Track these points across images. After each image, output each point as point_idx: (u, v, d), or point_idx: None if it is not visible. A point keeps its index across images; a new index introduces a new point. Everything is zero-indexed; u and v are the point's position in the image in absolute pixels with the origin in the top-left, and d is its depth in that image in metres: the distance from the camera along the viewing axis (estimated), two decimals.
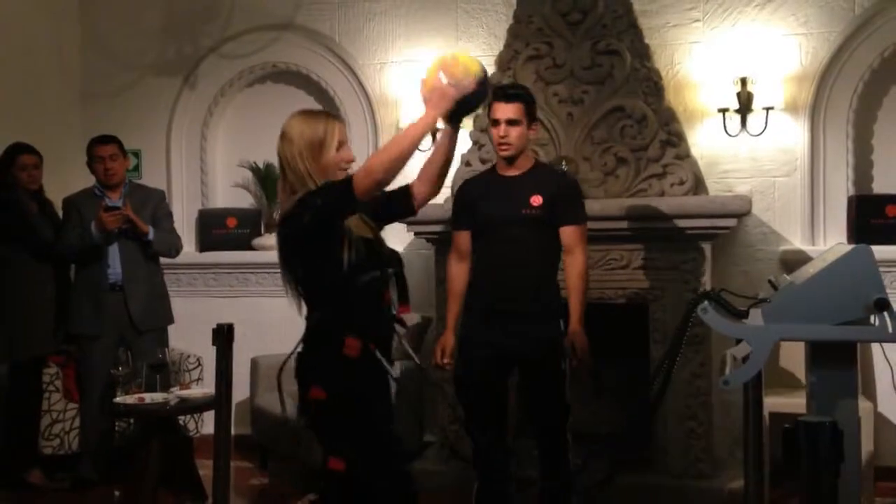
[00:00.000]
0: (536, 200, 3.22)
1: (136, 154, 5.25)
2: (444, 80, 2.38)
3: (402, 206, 2.61)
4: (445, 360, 3.29)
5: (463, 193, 3.44)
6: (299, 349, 2.52)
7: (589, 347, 3.26)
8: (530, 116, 3.27)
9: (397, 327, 2.55)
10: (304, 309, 2.56)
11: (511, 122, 3.21)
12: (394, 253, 2.59)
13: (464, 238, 3.37)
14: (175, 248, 4.42)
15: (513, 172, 3.30)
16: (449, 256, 3.43)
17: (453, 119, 2.49)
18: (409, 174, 2.61)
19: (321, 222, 2.35)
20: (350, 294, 2.40)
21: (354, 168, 2.48)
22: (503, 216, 3.23)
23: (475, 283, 3.34)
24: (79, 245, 4.16)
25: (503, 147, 3.25)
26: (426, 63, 2.55)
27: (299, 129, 2.43)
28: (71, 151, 4.84)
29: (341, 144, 2.45)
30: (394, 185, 2.53)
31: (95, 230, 4.10)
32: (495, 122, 3.23)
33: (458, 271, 3.37)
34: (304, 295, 2.48)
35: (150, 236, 4.21)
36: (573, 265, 3.29)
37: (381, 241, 2.53)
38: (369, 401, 2.42)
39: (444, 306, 3.54)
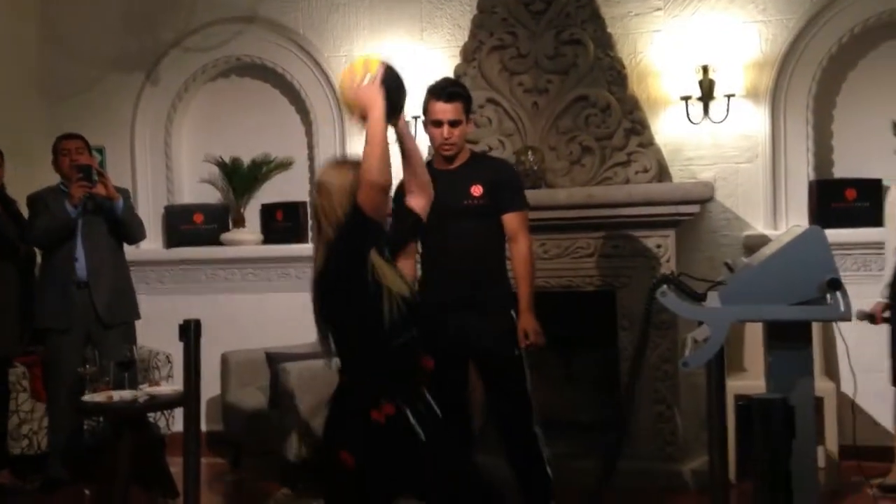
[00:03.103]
0: (477, 190, 3.23)
1: (100, 151, 5.19)
2: (357, 84, 2.39)
3: (413, 226, 2.61)
4: None
5: (403, 191, 3.44)
6: (329, 406, 2.47)
7: (541, 331, 3.27)
8: (468, 113, 3.28)
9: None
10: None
11: (453, 123, 3.20)
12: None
13: None
14: (142, 230, 4.40)
15: (451, 166, 3.29)
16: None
17: (391, 116, 2.45)
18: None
19: (353, 263, 2.32)
20: (388, 355, 2.37)
21: None
22: (445, 209, 3.16)
23: (424, 278, 3.33)
24: (50, 225, 4.12)
25: (446, 148, 3.24)
26: (338, 92, 2.57)
27: (336, 178, 2.39)
28: (33, 149, 4.78)
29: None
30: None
31: (69, 204, 4.07)
32: (437, 123, 3.19)
33: (405, 268, 3.33)
34: (338, 352, 2.42)
35: (120, 206, 4.18)
36: (518, 252, 3.30)
37: (415, 296, 2.47)
38: (395, 469, 2.38)
39: None
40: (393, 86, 2.43)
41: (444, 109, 3.18)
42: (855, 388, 2.79)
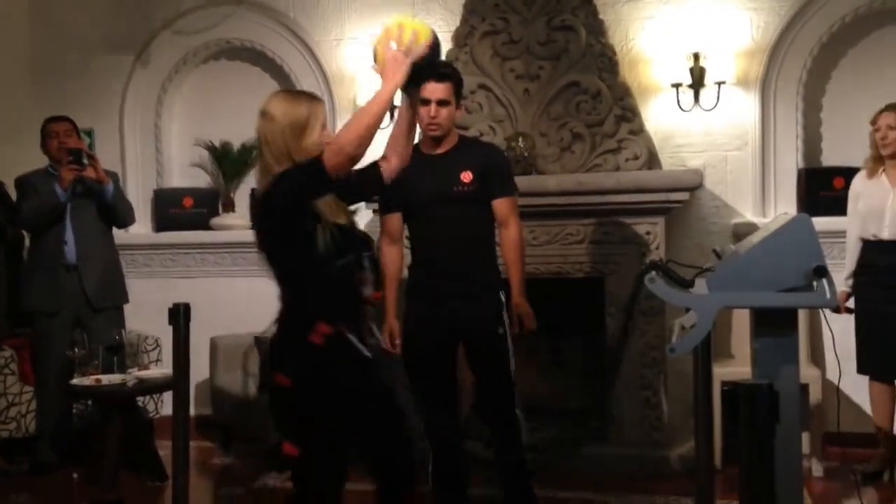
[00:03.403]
0: (466, 177, 3.20)
1: (89, 134, 5.16)
2: (395, 48, 2.35)
3: (372, 182, 2.58)
4: (397, 342, 3.30)
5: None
6: (272, 331, 2.51)
7: (533, 317, 3.29)
8: (458, 96, 3.25)
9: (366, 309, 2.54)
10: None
11: (441, 103, 3.16)
12: (367, 236, 2.57)
13: (394, 220, 3.32)
14: (131, 214, 4.38)
15: (439, 150, 3.26)
16: (380, 240, 3.32)
17: (410, 86, 2.45)
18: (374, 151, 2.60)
19: (294, 203, 2.33)
20: (323, 279, 2.39)
21: None
22: (435, 195, 3.19)
23: (414, 264, 3.33)
24: (40, 209, 4.10)
25: (432, 127, 3.20)
26: (374, 34, 2.54)
27: (283, 109, 2.38)
28: (21, 131, 4.75)
29: (323, 127, 2.43)
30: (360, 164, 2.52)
31: (59, 187, 4.05)
32: (425, 102, 3.13)
33: (392, 254, 3.33)
34: (277, 277, 2.46)
35: (110, 190, 4.17)
36: (509, 237, 3.29)
37: (354, 225, 2.51)
38: (337, 388, 2.40)
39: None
40: (428, 61, 2.41)
41: (434, 88, 3.14)
42: (839, 376, 2.82)
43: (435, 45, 2.43)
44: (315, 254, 2.35)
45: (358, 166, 2.45)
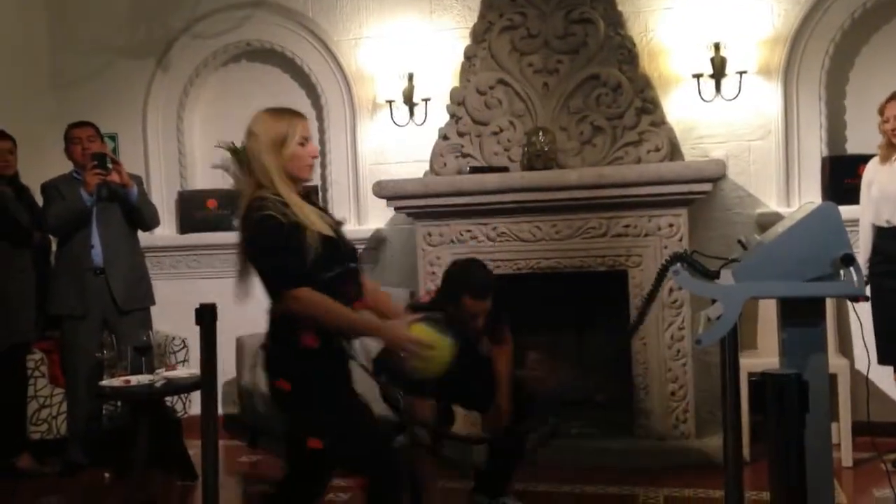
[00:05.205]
0: None
1: (113, 138, 5.22)
2: (412, 342, 2.42)
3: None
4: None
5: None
6: (264, 341, 2.58)
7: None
8: None
9: None
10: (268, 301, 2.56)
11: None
12: (352, 248, 2.62)
13: None
14: (156, 217, 4.43)
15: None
16: None
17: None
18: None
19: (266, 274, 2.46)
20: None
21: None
22: None
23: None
24: (66, 214, 4.15)
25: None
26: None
27: (264, 126, 2.49)
28: (45, 139, 4.80)
29: (305, 140, 2.49)
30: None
31: (84, 192, 4.10)
32: (472, 317, 3.23)
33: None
34: (266, 288, 2.51)
35: (134, 193, 4.21)
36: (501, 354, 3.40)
37: (341, 237, 2.56)
38: (333, 388, 2.48)
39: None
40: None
41: (480, 305, 3.22)
42: (868, 365, 2.79)
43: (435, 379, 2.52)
44: (302, 267, 2.40)
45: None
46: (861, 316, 2.51)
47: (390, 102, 4.78)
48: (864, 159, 4.19)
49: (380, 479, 2.44)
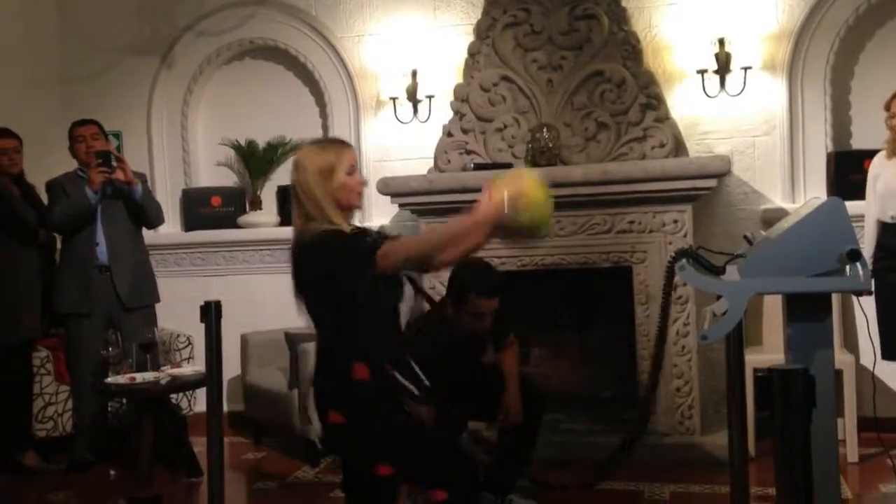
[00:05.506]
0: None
1: (117, 136, 5.23)
2: (506, 202, 2.25)
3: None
4: None
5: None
6: (313, 377, 2.53)
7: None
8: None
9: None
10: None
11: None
12: (411, 278, 2.58)
13: None
14: (160, 214, 4.44)
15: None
16: None
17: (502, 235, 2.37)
18: None
19: (341, 280, 2.35)
20: (367, 321, 2.40)
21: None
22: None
23: None
24: (71, 212, 4.16)
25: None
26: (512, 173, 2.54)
27: (311, 158, 2.45)
28: (50, 136, 4.81)
29: (352, 169, 2.46)
30: None
31: (89, 189, 4.11)
32: (479, 317, 3.24)
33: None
34: (315, 319, 2.47)
35: (139, 191, 4.22)
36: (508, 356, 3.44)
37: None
38: (389, 413, 2.41)
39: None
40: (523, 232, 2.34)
41: (488, 304, 3.23)
42: (875, 360, 2.78)
43: (534, 234, 2.37)
44: (355, 299, 2.35)
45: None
46: (867, 311, 2.50)
47: (394, 99, 4.78)
48: (870, 154, 4.17)
49: (459, 486, 2.39)
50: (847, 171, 4.26)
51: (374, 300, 2.37)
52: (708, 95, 4.39)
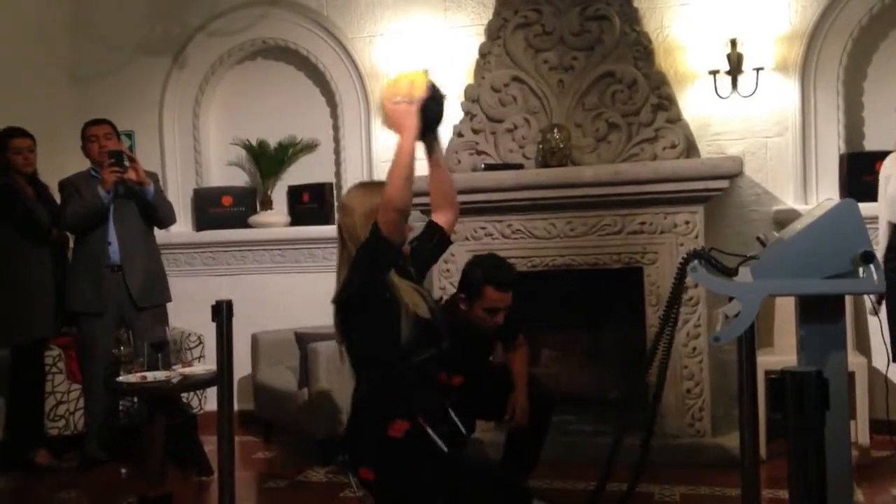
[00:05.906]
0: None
1: (129, 135, 5.25)
2: (398, 101, 2.38)
3: (438, 238, 2.63)
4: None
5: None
6: (345, 432, 2.54)
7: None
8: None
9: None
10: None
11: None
12: (446, 327, 2.55)
13: None
14: (172, 214, 4.46)
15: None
16: None
17: (426, 134, 2.48)
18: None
19: (367, 279, 2.36)
20: (403, 372, 2.41)
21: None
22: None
23: None
24: (83, 212, 4.18)
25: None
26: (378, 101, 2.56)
27: (358, 200, 2.46)
28: (63, 136, 4.84)
29: None
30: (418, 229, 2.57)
31: (102, 189, 4.13)
32: (493, 311, 3.24)
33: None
34: (354, 365, 2.47)
35: (151, 191, 4.24)
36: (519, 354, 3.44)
37: (435, 313, 2.49)
38: (418, 481, 2.39)
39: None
40: (433, 105, 2.44)
41: (503, 298, 3.23)
42: (888, 363, 2.77)
43: (433, 87, 2.44)
44: (397, 345, 2.36)
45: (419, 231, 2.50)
46: (880, 314, 2.49)
47: None
48: (882, 156, 4.15)
49: None
50: (860, 173, 4.24)
51: (407, 354, 2.36)
52: (720, 96, 4.37)
